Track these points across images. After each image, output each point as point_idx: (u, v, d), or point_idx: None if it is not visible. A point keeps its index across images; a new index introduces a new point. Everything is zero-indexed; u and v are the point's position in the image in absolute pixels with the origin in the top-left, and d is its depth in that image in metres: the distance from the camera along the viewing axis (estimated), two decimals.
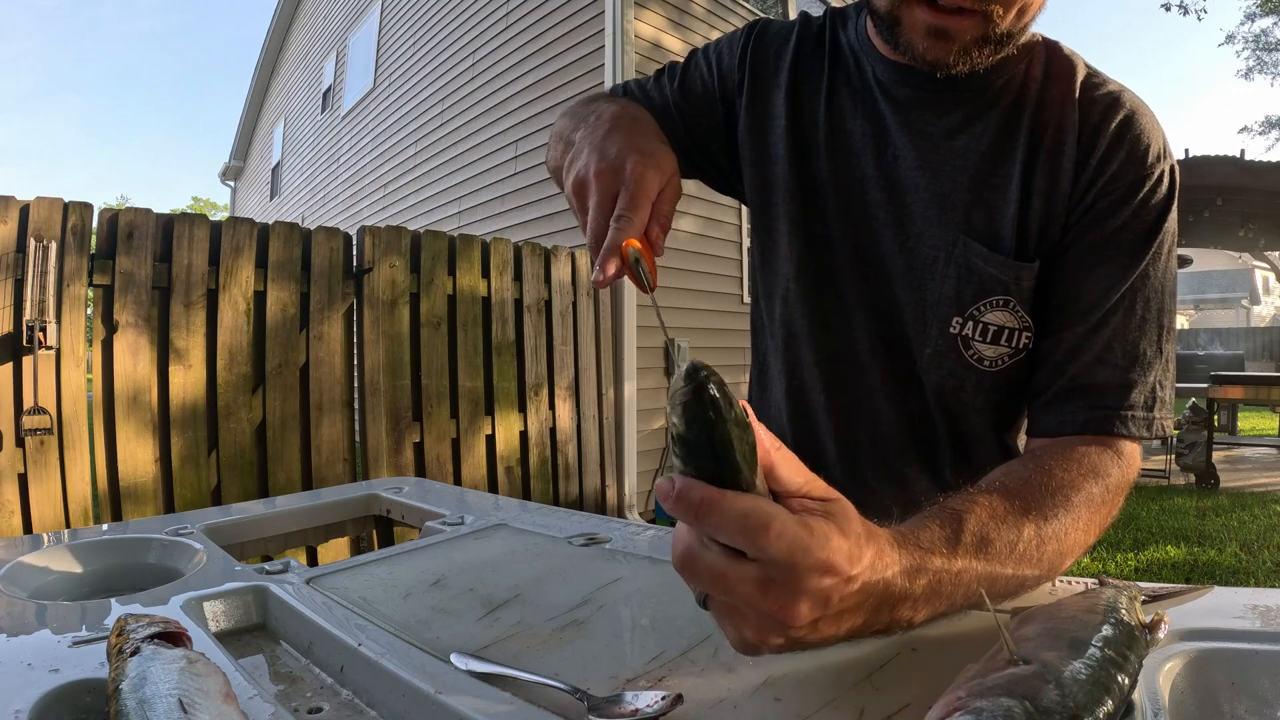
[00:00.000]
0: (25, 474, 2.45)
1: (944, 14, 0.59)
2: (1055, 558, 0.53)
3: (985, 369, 0.70)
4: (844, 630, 0.40)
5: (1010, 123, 0.68)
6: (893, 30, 0.63)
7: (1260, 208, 7.08)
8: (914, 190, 0.71)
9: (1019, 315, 0.68)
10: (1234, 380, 6.12)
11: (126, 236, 2.66)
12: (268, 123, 12.53)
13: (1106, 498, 0.59)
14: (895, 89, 0.72)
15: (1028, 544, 0.51)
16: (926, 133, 0.70)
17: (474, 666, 0.47)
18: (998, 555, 0.49)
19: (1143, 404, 0.64)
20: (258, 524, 0.97)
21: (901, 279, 0.72)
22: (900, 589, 0.42)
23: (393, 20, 7.65)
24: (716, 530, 0.36)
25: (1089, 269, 0.65)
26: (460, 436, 3.55)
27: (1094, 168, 0.65)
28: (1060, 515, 0.54)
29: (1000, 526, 0.50)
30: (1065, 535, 0.54)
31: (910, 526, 0.46)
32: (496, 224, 5.54)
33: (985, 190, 0.68)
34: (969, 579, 0.47)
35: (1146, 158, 0.64)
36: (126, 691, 0.39)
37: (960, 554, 0.46)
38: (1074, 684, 0.34)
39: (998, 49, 0.62)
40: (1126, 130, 0.65)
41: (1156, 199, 0.64)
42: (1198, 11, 14.35)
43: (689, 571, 0.38)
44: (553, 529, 0.84)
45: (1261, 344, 15.54)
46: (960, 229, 0.68)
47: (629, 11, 4.66)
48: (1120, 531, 4.33)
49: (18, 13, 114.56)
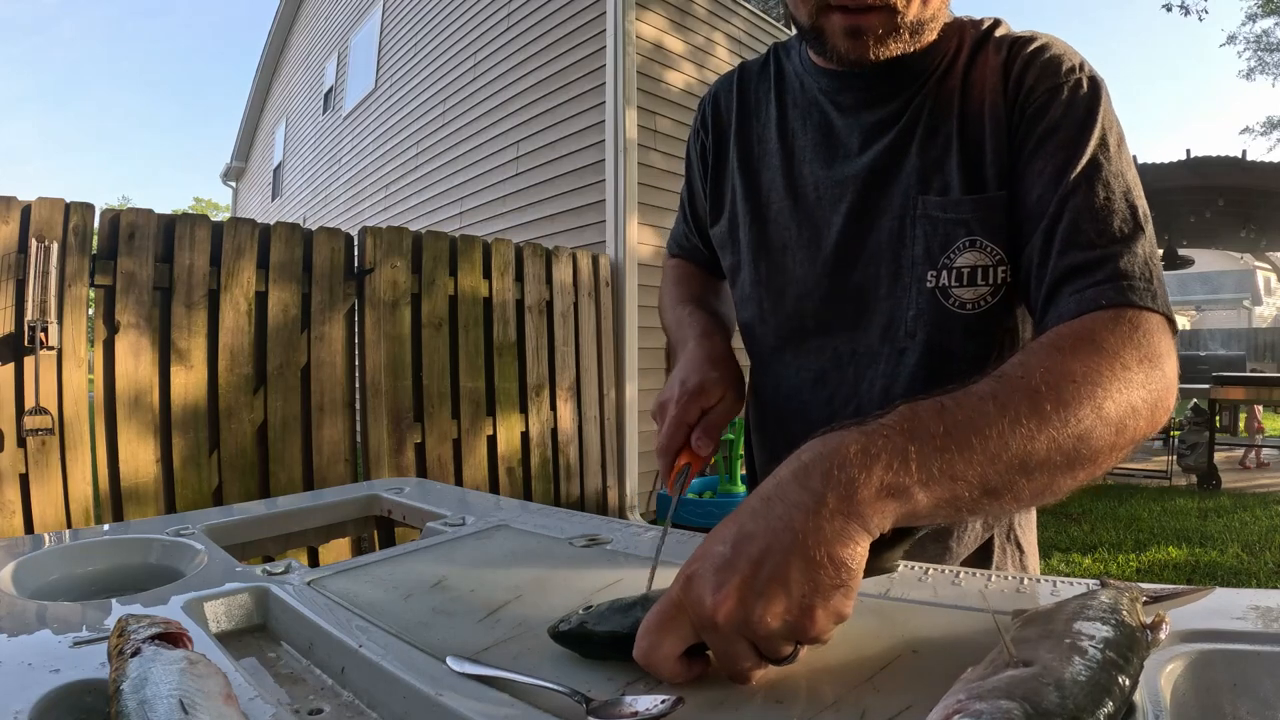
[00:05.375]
0: (26, 474, 2.45)
1: (855, 14, 0.66)
2: (1039, 392, 0.48)
3: (969, 313, 0.71)
4: (767, 540, 0.42)
5: (945, 88, 0.73)
6: (818, 40, 0.70)
7: (1261, 208, 7.06)
8: (869, 176, 0.74)
9: (989, 250, 0.69)
10: (1235, 381, 6.11)
11: (128, 237, 2.66)
12: (269, 123, 12.54)
13: (1104, 355, 0.52)
14: (838, 96, 0.77)
15: (992, 386, 0.48)
16: (872, 123, 0.75)
17: (470, 669, 0.47)
18: (960, 395, 0.47)
19: (1138, 275, 0.58)
20: (259, 524, 0.97)
21: (872, 260, 0.75)
22: (811, 465, 0.44)
23: (394, 21, 7.65)
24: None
25: (1035, 172, 0.66)
26: (461, 437, 3.55)
27: (1014, 90, 0.69)
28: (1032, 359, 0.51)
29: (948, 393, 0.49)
30: (1036, 371, 0.49)
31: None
32: (498, 225, 5.55)
33: (930, 150, 0.72)
34: (929, 411, 0.46)
35: (1060, 67, 0.67)
36: (127, 692, 0.39)
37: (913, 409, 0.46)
38: (1074, 686, 0.34)
39: (914, 36, 0.68)
40: (1039, 55, 0.69)
41: (1080, 96, 0.66)
42: (1199, 12, 14.33)
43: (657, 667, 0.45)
44: (554, 530, 0.84)
45: (1263, 344, 15.52)
46: (916, 192, 0.72)
47: (630, 13, 4.66)
48: (1121, 532, 4.33)
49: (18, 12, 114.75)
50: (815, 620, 0.41)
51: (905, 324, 0.74)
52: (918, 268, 0.72)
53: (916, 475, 0.43)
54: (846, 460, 0.43)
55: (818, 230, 0.78)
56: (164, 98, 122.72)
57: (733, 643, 0.42)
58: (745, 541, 0.43)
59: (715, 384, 0.71)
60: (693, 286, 0.97)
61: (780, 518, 0.43)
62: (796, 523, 0.42)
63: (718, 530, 0.45)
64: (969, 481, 0.45)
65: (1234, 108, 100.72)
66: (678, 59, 5.07)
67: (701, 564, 0.44)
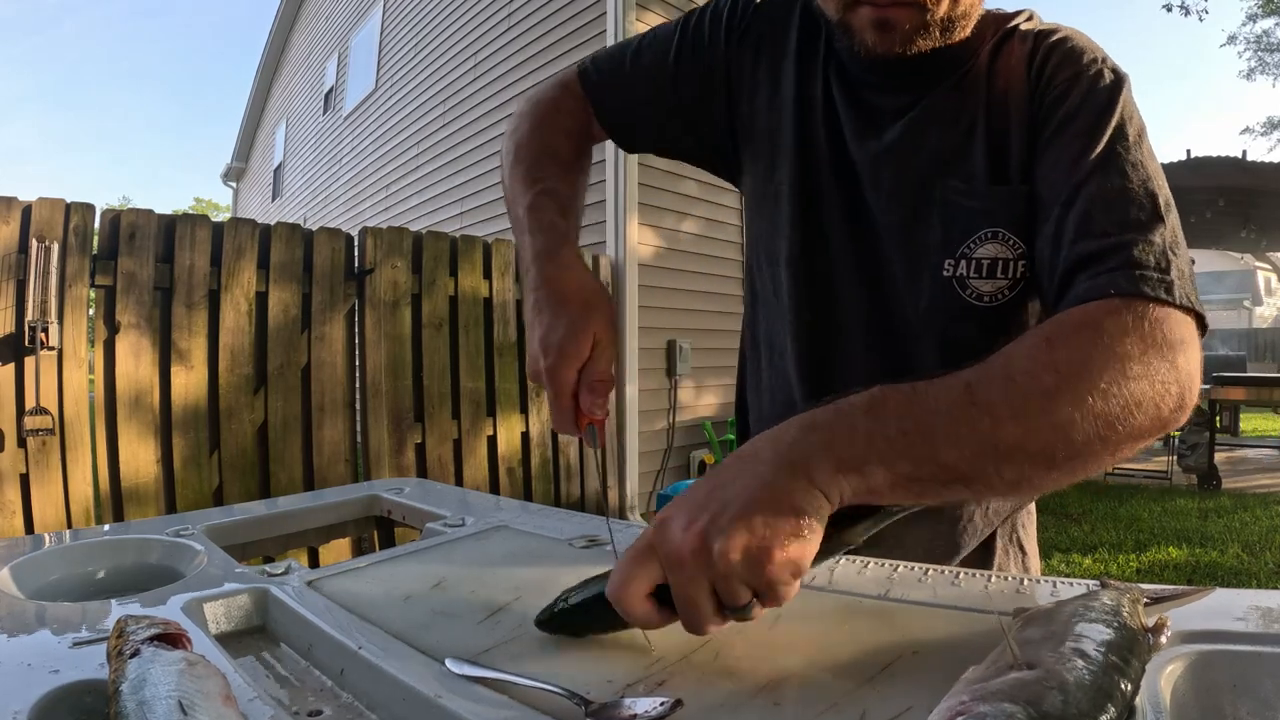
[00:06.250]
0: (27, 474, 2.45)
1: (883, 7, 0.65)
2: (1015, 383, 0.47)
3: (986, 305, 0.70)
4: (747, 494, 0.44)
5: (971, 77, 0.72)
6: (846, 33, 0.69)
7: (1262, 209, 7.07)
8: (885, 154, 0.73)
9: (1011, 244, 0.68)
10: (1236, 381, 6.10)
11: (128, 237, 2.66)
12: (270, 124, 12.55)
13: (1100, 342, 0.49)
14: (867, 74, 0.75)
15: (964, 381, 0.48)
16: (896, 106, 0.74)
17: (469, 671, 0.47)
18: (923, 389, 0.48)
19: (1154, 265, 0.54)
20: (259, 525, 0.97)
21: (882, 242, 0.74)
22: (781, 433, 0.48)
23: (394, 21, 7.65)
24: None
25: (1050, 160, 0.65)
26: (462, 437, 3.55)
27: (1035, 79, 0.68)
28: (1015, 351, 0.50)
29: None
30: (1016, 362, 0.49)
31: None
32: (498, 225, 5.54)
33: (952, 135, 0.71)
34: (899, 397, 0.47)
35: (1082, 58, 0.67)
36: (126, 693, 0.39)
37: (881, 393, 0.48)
38: (1077, 689, 0.34)
39: (944, 34, 0.67)
40: (1061, 45, 0.69)
41: (1100, 85, 0.65)
42: (1199, 12, 14.32)
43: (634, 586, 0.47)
44: (554, 530, 0.84)
45: (1263, 345, 15.51)
46: (939, 175, 0.71)
47: (630, 13, 4.65)
48: (1122, 533, 4.33)
49: (19, 13, 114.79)
50: (772, 560, 0.43)
51: (916, 313, 0.73)
52: (932, 254, 0.71)
53: (873, 453, 0.45)
54: (812, 430, 0.47)
55: (854, 203, 0.76)
56: (164, 98, 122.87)
57: (694, 582, 0.44)
58: (718, 489, 0.46)
59: (580, 331, 0.63)
60: (561, 143, 0.82)
61: (751, 472, 0.46)
62: (765, 476, 0.45)
63: (696, 484, 0.48)
64: (932, 463, 0.46)
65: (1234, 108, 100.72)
66: None
67: (675, 508, 0.47)
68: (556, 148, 0.82)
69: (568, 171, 0.81)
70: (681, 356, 4.78)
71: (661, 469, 4.76)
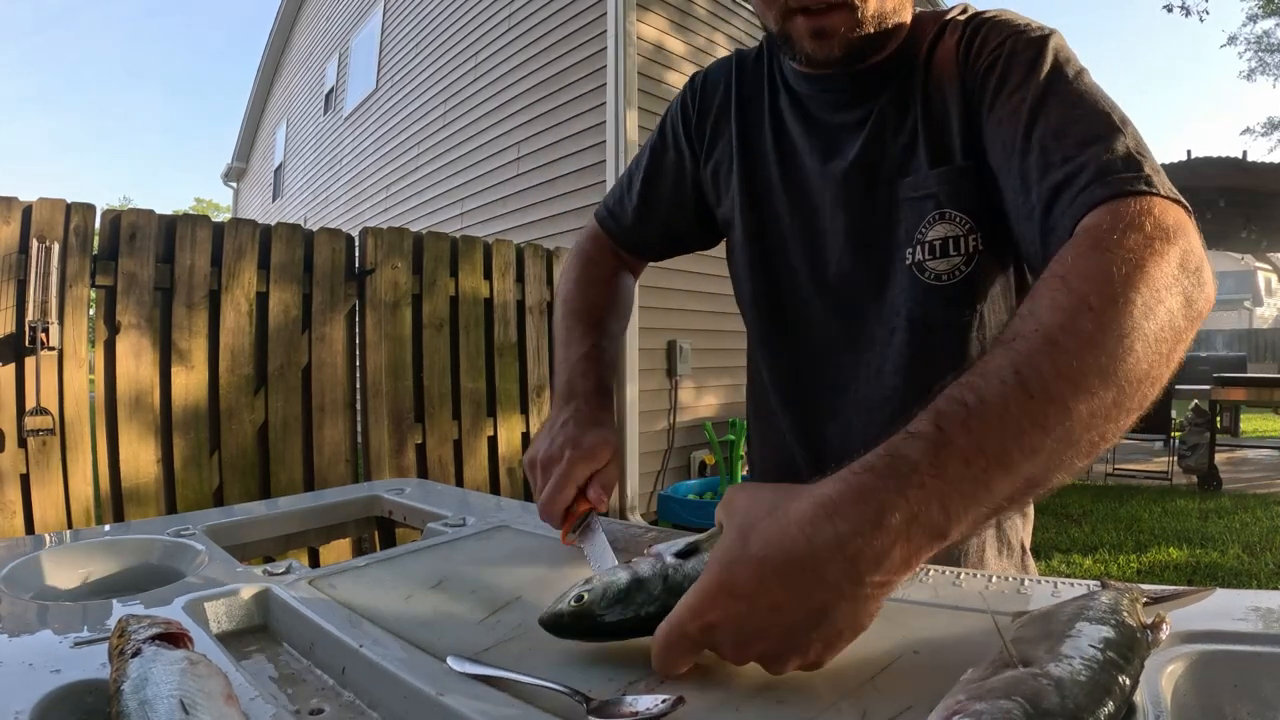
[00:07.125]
0: (27, 474, 2.46)
1: (817, 15, 0.68)
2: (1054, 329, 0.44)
3: (945, 284, 0.72)
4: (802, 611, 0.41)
5: (911, 78, 0.74)
6: (787, 45, 0.72)
7: (1262, 209, 7.07)
8: (854, 172, 0.76)
9: (959, 220, 0.70)
10: (1236, 382, 6.10)
11: (129, 238, 2.66)
12: (270, 124, 12.55)
13: (1102, 251, 0.47)
14: (822, 94, 0.80)
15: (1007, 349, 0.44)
16: (853, 121, 0.77)
17: (471, 669, 0.47)
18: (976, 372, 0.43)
19: (1122, 167, 0.53)
20: (259, 525, 0.97)
21: (863, 251, 0.77)
22: (847, 537, 0.39)
23: (395, 22, 7.66)
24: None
25: (995, 122, 0.65)
26: (462, 438, 3.55)
27: (965, 57, 0.70)
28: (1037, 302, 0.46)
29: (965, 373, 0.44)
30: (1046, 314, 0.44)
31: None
32: (499, 225, 5.55)
33: (901, 137, 0.74)
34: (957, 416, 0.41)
35: (1007, 27, 0.69)
36: (128, 692, 0.39)
37: (925, 419, 0.42)
38: (1075, 687, 0.34)
39: (877, 28, 0.70)
40: (988, 21, 0.71)
41: (1027, 39, 0.66)
42: (1199, 13, 14.32)
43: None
44: (554, 531, 0.84)
45: (1263, 345, 15.51)
46: (898, 176, 0.74)
47: (631, 14, 4.66)
48: (1122, 533, 4.33)
49: (19, 13, 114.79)
50: (820, 665, 0.44)
51: (894, 306, 0.76)
52: (900, 249, 0.74)
53: (950, 519, 0.41)
54: (880, 516, 0.40)
55: (812, 226, 0.80)
56: (164, 98, 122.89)
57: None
58: (774, 612, 0.41)
59: (604, 446, 0.74)
60: (600, 294, 0.96)
61: (813, 595, 0.41)
62: (829, 605, 0.41)
63: (736, 565, 0.42)
64: (1011, 486, 0.42)
65: (1234, 109, 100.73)
66: (678, 60, 5.07)
67: (724, 615, 0.42)
68: (595, 299, 0.94)
69: (607, 318, 0.93)
70: (682, 357, 4.79)
71: (662, 469, 4.77)
